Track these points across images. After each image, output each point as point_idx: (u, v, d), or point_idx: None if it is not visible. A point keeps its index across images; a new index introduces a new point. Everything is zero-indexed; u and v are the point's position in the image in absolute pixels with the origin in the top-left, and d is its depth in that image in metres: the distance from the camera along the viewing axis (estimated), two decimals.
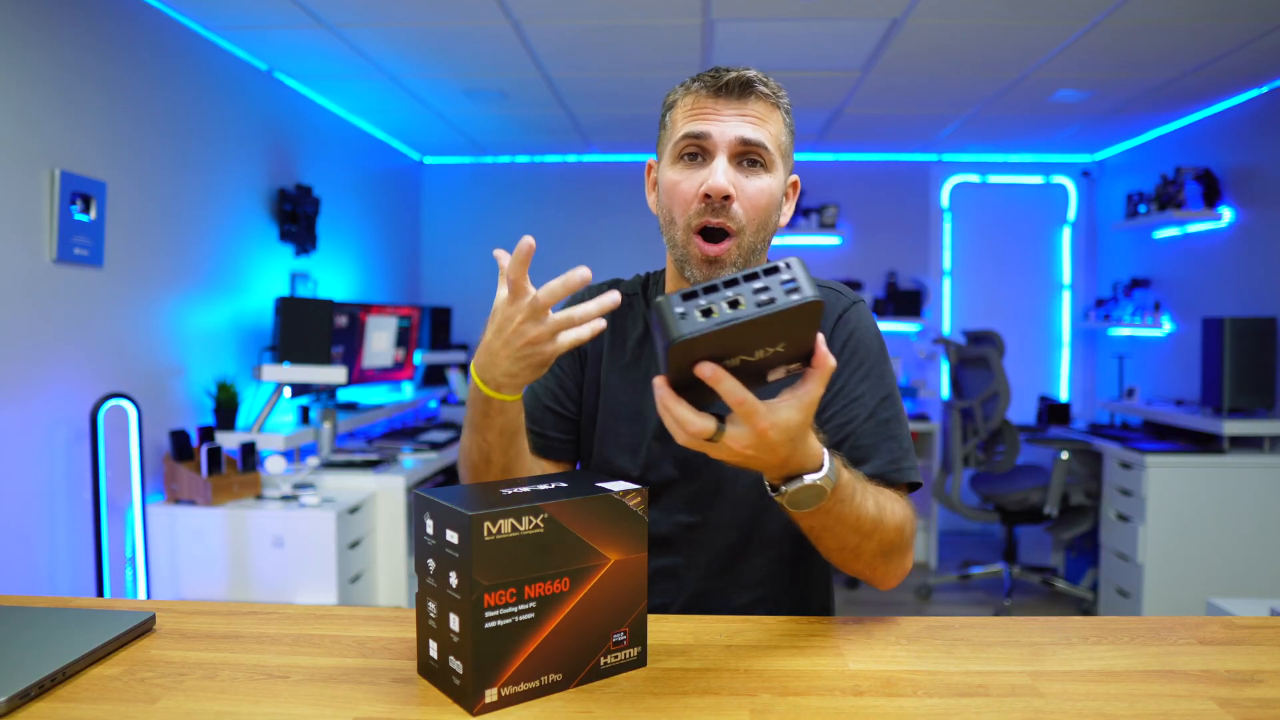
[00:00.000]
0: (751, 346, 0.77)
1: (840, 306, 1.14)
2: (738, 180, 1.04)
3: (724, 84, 1.05)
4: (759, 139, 1.04)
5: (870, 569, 1.01)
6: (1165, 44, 3.18)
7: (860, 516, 0.93)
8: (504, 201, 5.43)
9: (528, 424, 1.18)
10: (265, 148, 3.56)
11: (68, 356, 2.48)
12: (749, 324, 0.73)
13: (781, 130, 1.08)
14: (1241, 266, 3.84)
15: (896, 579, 1.04)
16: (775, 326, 0.75)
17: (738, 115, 1.04)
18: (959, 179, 5.32)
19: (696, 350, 0.74)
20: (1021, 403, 4.98)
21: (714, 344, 0.74)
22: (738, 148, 1.04)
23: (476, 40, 3.22)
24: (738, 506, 1.13)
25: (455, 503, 0.78)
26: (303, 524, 2.84)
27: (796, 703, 0.80)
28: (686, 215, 1.06)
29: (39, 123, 2.34)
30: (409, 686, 0.82)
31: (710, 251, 1.05)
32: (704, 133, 1.04)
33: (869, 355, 1.12)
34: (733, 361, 0.77)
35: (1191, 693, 0.82)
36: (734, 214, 1.04)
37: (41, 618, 0.94)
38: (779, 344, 0.78)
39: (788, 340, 0.78)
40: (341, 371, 3.36)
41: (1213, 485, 3.45)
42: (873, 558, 0.99)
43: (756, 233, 1.06)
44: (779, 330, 0.75)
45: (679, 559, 1.16)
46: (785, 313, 0.73)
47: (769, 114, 1.06)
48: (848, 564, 1.00)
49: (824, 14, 2.93)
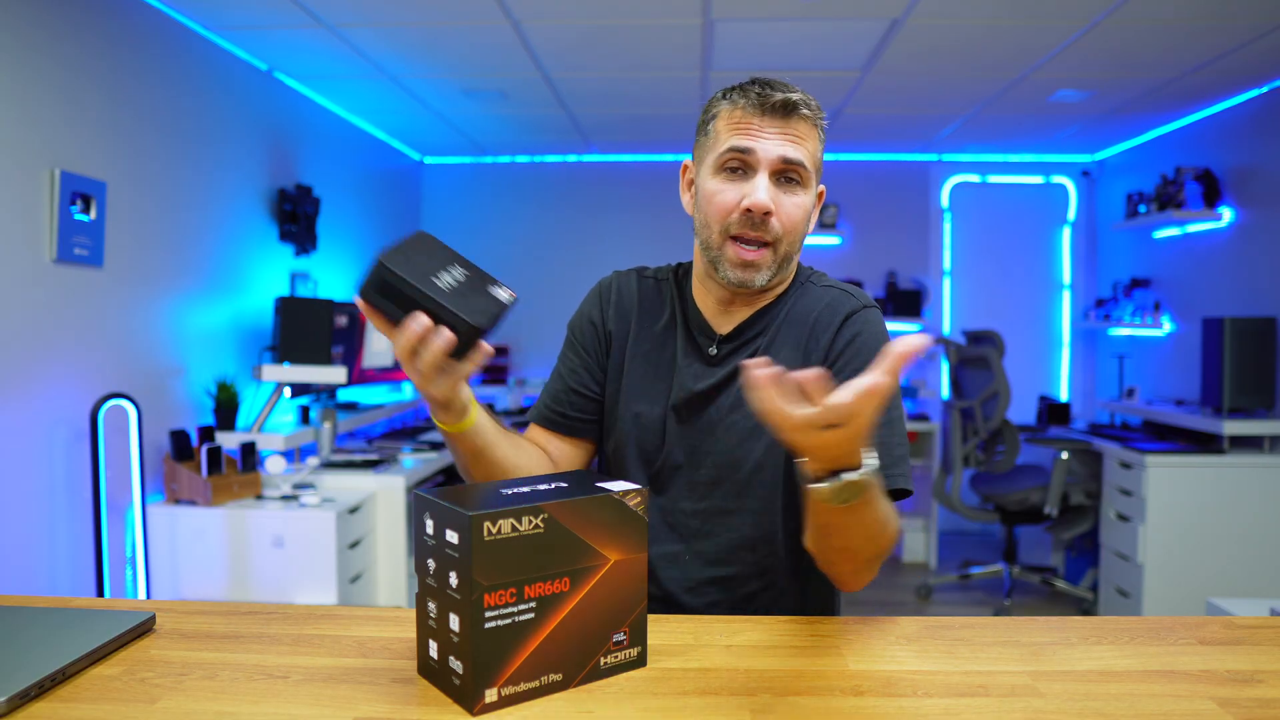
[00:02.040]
0: (435, 268, 0.90)
1: (849, 308, 1.16)
2: (777, 197, 1.09)
3: (772, 104, 1.09)
4: (799, 158, 1.09)
5: (854, 572, 1.03)
6: (1165, 44, 3.18)
7: (875, 519, 0.94)
8: (504, 201, 5.43)
9: (551, 405, 1.24)
10: (265, 148, 3.56)
11: (68, 356, 2.48)
12: (404, 243, 0.90)
13: (817, 148, 1.13)
14: (1241, 266, 3.84)
15: (866, 582, 1.06)
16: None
17: (780, 134, 1.09)
18: (959, 179, 5.32)
19: (401, 265, 0.88)
20: (1021, 403, 4.98)
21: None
22: (779, 166, 1.09)
23: (476, 40, 3.22)
24: (744, 494, 1.15)
25: (455, 503, 0.78)
26: (303, 524, 2.84)
27: (796, 703, 0.80)
28: (724, 223, 1.10)
29: (39, 123, 2.34)
30: (409, 686, 0.82)
31: (747, 256, 1.10)
32: (749, 149, 1.09)
33: (872, 358, 1.11)
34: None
35: (1191, 693, 0.82)
36: (771, 228, 1.09)
37: (41, 618, 0.93)
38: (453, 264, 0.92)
39: None
40: (341, 371, 3.36)
41: (1213, 485, 3.45)
42: (864, 560, 1.01)
43: (791, 244, 1.12)
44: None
45: (685, 545, 1.17)
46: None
47: (809, 133, 1.11)
48: (835, 563, 1.02)
49: (824, 14, 2.93)
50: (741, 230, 1.09)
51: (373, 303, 0.88)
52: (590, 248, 5.30)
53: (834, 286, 1.20)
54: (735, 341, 1.18)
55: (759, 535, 1.16)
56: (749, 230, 1.09)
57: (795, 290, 1.19)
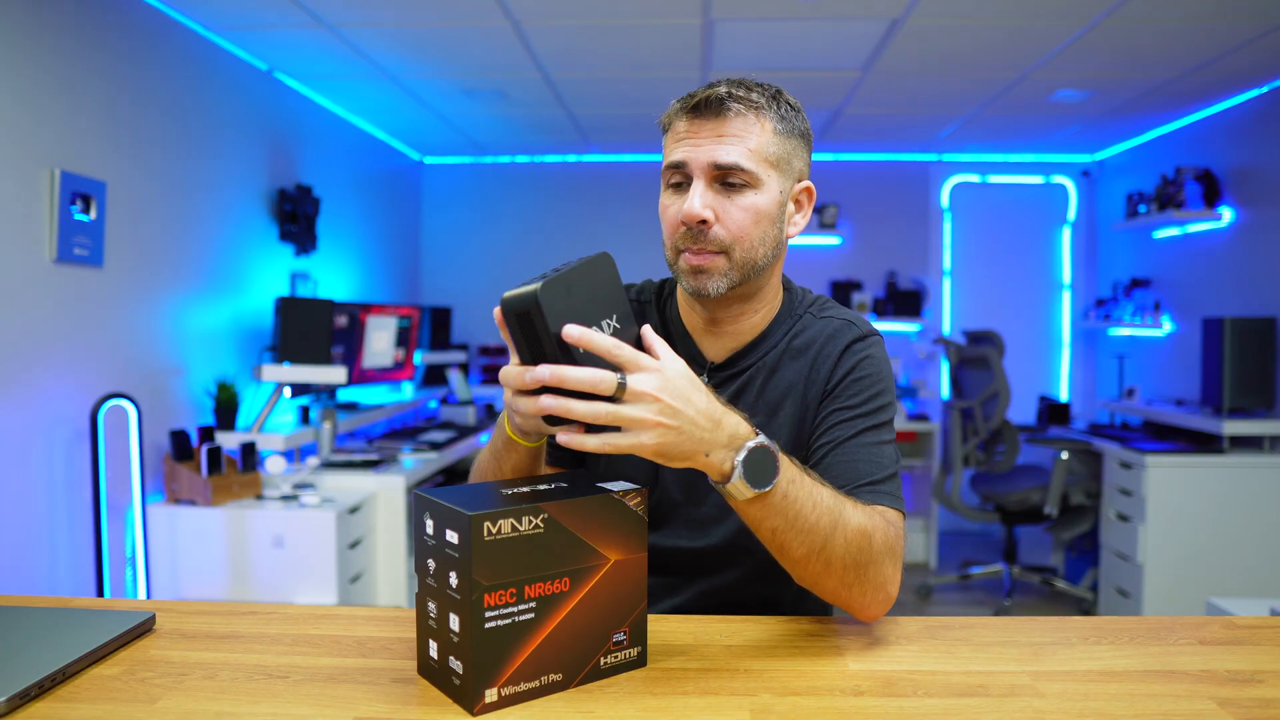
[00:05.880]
0: (595, 315, 0.85)
1: (850, 336, 1.12)
2: (719, 203, 1.03)
3: (695, 104, 1.03)
4: (732, 161, 1.01)
5: (845, 586, 0.94)
6: (1165, 44, 3.18)
7: (817, 504, 0.90)
8: (504, 201, 5.43)
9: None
10: (265, 148, 3.56)
11: (68, 356, 2.48)
12: (576, 272, 0.84)
13: (769, 141, 1.04)
14: (1241, 266, 3.84)
15: (879, 605, 0.97)
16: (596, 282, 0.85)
17: (714, 137, 1.02)
18: (959, 179, 5.31)
19: (555, 304, 0.81)
20: (1021, 403, 4.98)
21: (565, 300, 0.82)
22: (712, 173, 1.02)
23: (476, 40, 3.22)
24: (740, 532, 1.10)
25: (455, 503, 0.78)
26: (303, 524, 2.84)
27: (796, 703, 0.80)
28: (674, 239, 1.06)
29: (39, 122, 2.34)
30: (409, 686, 0.82)
31: (694, 261, 1.04)
32: (681, 161, 1.04)
33: (869, 386, 1.09)
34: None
35: (1191, 693, 0.82)
36: (714, 237, 1.02)
37: (41, 618, 0.94)
38: (612, 314, 0.86)
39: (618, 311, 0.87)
40: (341, 371, 3.36)
41: (1213, 485, 3.45)
42: (844, 570, 0.93)
43: (747, 249, 1.04)
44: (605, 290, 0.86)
45: (678, 579, 1.16)
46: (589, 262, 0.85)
47: (749, 128, 1.03)
48: (820, 580, 0.95)
49: (824, 14, 2.93)
50: (685, 244, 1.04)
51: (509, 323, 0.84)
52: (590, 248, 5.27)
53: (835, 317, 1.15)
54: (729, 370, 1.14)
55: (754, 572, 1.12)
56: (691, 243, 1.03)
57: (793, 320, 1.15)
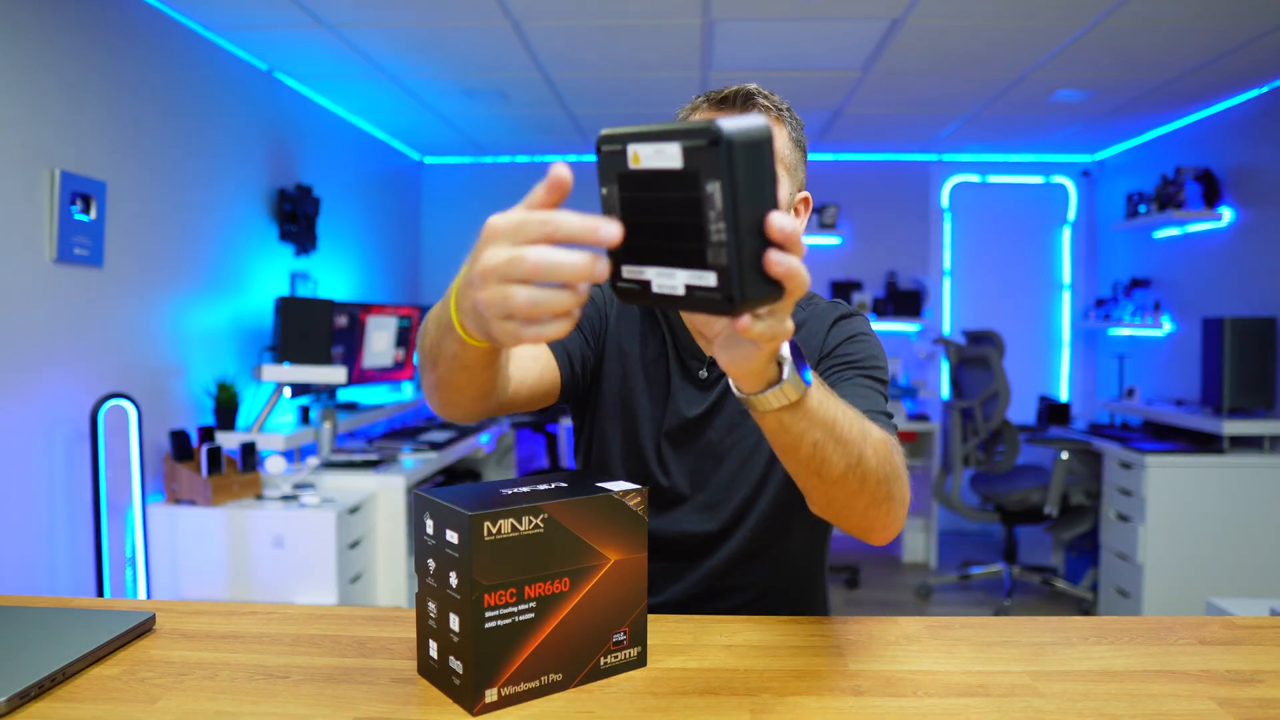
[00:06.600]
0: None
1: (837, 313, 1.18)
2: None
3: (724, 97, 1.08)
4: None
5: (875, 503, 0.88)
6: (1165, 44, 3.18)
7: (845, 410, 0.83)
8: (504, 201, 5.28)
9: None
10: (265, 148, 3.56)
11: (68, 356, 2.48)
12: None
13: (785, 144, 1.09)
14: (1241, 266, 3.84)
15: (899, 521, 0.92)
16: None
17: None
18: (959, 179, 5.31)
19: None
20: (1021, 403, 4.98)
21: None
22: None
23: (476, 40, 3.22)
24: (748, 513, 1.15)
25: (455, 503, 0.78)
26: (303, 524, 2.84)
27: (796, 703, 0.80)
28: None
29: (39, 123, 2.34)
30: (409, 686, 0.82)
31: None
32: None
33: (861, 349, 1.13)
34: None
35: (1191, 693, 0.82)
36: None
37: (41, 618, 0.93)
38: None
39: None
40: (341, 371, 3.36)
41: (1213, 485, 3.45)
42: (878, 484, 0.86)
43: None
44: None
45: (680, 564, 1.17)
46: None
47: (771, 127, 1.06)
48: (853, 499, 0.87)
49: (824, 14, 2.93)
50: None
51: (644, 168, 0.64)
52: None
53: (821, 301, 1.21)
54: None
55: (754, 554, 1.16)
56: None
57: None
